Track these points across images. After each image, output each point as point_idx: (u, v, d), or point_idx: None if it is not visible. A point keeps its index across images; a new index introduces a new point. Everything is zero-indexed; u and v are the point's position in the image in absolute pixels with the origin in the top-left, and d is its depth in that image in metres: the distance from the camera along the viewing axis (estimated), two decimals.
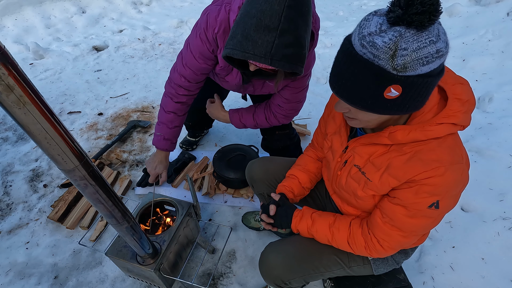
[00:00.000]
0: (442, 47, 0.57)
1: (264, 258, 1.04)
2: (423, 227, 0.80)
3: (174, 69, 1.35)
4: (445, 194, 0.72)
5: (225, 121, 1.56)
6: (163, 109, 1.42)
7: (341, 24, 4.23)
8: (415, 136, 0.71)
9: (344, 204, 0.99)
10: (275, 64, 0.89)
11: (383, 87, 0.60)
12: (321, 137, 1.12)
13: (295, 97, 1.36)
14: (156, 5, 5.00)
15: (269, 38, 0.86)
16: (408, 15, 0.54)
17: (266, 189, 1.27)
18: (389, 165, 0.77)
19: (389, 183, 0.78)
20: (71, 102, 2.75)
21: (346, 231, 0.91)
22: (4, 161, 2.14)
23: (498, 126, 2.14)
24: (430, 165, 0.70)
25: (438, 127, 0.69)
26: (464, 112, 0.70)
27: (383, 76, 0.59)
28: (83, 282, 1.46)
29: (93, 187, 0.69)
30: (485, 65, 2.73)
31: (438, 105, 0.73)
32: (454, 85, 0.73)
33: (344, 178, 0.90)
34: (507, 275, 1.39)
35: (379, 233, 0.84)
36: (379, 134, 0.77)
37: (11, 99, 0.47)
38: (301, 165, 1.16)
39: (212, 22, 1.12)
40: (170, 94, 1.38)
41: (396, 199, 0.78)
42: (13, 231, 1.70)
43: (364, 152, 0.83)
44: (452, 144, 0.72)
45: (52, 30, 4.04)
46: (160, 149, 1.50)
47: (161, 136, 1.45)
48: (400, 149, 0.75)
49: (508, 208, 1.63)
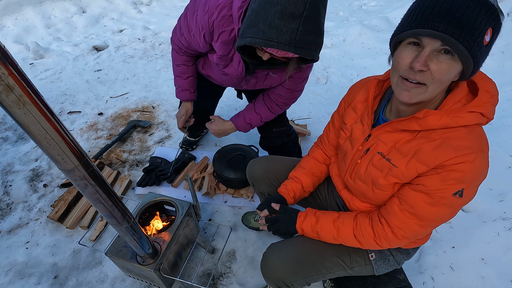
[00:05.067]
0: None
1: (266, 259, 1.03)
2: (442, 217, 0.79)
3: (175, 31, 1.36)
4: (471, 182, 0.73)
5: (232, 130, 1.58)
6: (174, 63, 1.48)
7: (341, 24, 4.23)
8: (446, 122, 0.72)
9: (354, 199, 0.98)
10: (298, 51, 0.89)
11: (487, 26, 0.62)
12: (333, 132, 1.11)
13: (297, 86, 1.38)
14: (156, 5, 5.01)
15: (294, 25, 0.86)
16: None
17: (267, 188, 1.26)
18: (417, 151, 0.77)
19: (417, 169, 0.77)
20: (71, 102, 2.75)
21: (351, 224, 0.91)
22: (4, 161, 2.14)
23: (498, 126, 2.14)
24: (461, 151, 0.70)
25: (468, 115, 0.71)
26: (492, 104, 0.73)
27: (492, 14, 0.61)
28: (83, 282, 1.46)
29: (93, 187, 0.69)
30: (485, 65, 2.67)
31: (466, 97, 0.75)
32: (483, 79, 0.75)
33: (364, 166, 0.90)
34: (507, 275, 1.39)
35: (395, 221, 0.83)
36: (410, 118, 0.77)
37: (11, 99, 0.47)
38: (306, 168, 1.15)
39: (212, 7, 1.11)
40: (175, 49, 1.43)
41: (420, 186, 0.78)
42: (13, 231, 1.70)
43: (389, 139, 0.84)
44: (481, 133, 0.74)
45: (52, 30, 4.04)
46: (182, 100, 1.59)
47: (180, 88, 1.54)
48: (428, 135, 0.76)
49: (508, 208, 1.63)
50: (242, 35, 0.95)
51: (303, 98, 2.65)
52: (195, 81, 1.55)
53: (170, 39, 1.43)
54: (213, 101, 1.84)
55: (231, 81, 1.41)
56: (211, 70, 1.43)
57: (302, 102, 2.59)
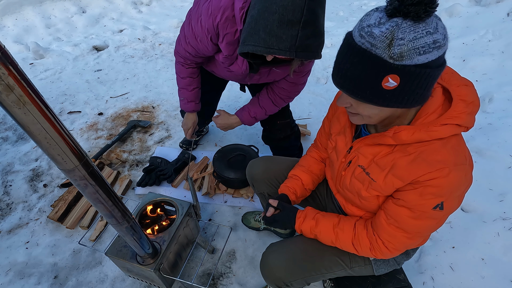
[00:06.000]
0: (440, 38, 0.58)
1: (265, 259, 1.03)
2: (428, 228, 0.80)
3: (179, 42, 1.37)
4: (449, 195, 0.72)
5: (237, 124, 1.59)
6: (179, 75, 1.49)
7: (341, 24, 4.23)
8: (420, 136, 0.71)
9: (349, 204, 0.99)
10: (299, 55, 0.92)
11: (381, 76, 0.62)
12: (324, 137, 1.12)
13: (300, 79, 1.39)
14: (156, 5, 5.01)
15: (293, 32, 0.88)
16: (404, 6, 0.56)
17: (266, 188, 1.26)
18: (393, 166, 0.77)
19: (393, 183, 0.78)
20: (71, 102, 2.75)
21: (350, 232, 0.91)
22: (4, 161, 2.14)
23: (498, 126, 2.14)
24: (434, 166, 0.70)
25: (442, 128, 0.70)
26: (468, 114, 0.70)
27: (380, 65, 0.60)
28: (83, 282, 1.46)
29: (93, 187, 0.69)
30: (485, 65, 2.73)
31: (443, 107, 0.73)
32: (459, 87, 0.73)
33: (349, 178, 0.90)
34: (507, 275, 1.39)
35: (384, 234, 0.84)
36: (384, 134, 0.77)
37: (11, 99, 0.47)
38: (305, 166, 1.15)
39: (214, 10, 1.12)
40: (180, 62, 1.44)
41: (400, 201, 0.78)
42: (13, 230, 1.70)
43: (369, 152, 0.83)
44: (456, 145, 0.72)
45: (52, 30, 4.04)
46: (187, 111, 1.61)
47: (185, 100, 1.56)
48: (404, 149, 0.75)
49: (508, 208, 1.63)
50: (244, 42, 0.97)
51: (303, 98, 2.65)
52: (199, 92, 1.57)
53: (174, 52, 1.44)
54: (216, 94, 1.85)
55: (235, 77, 1.44)
56: (215, 66, 1.44)
57: (302, 102, 2.59)
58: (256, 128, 2.32)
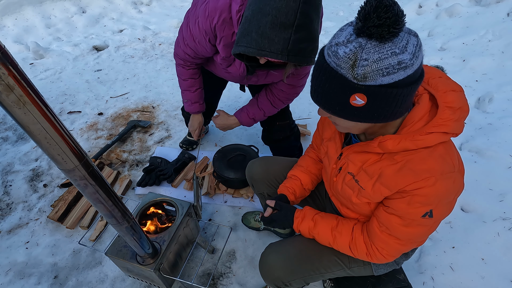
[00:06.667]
0: (406, 59, 0.57)
1: (264, 259, 1.03)
2: (420, 235, 0.80)
3: (177, 44, 1.37)
4: (438, 203, 0.72)
5: (236, 125, 1.59)
6: (180, 78, 1.49)
7: (341, 24, 4.21)
8: (405, 145, 0.70)
9: (343, 207, 0.99)
10: (291, 59, 0.90)
11: (347, 95, 0.62)
12: (319, 139, 1.12)
13: (299, 82, 1.39)
14: (156, 5, 5.00)
15: (285, 35, 0.87)
16: (367, 28, 0.56)
17: (266, 188, 1.26)
18: (381, 174, 0.77)
19: (381, 192, 0.78)
20: (71, 102, 2.75)
21: (348, 236, 0.91)
22: (4, 161, 2.14)
23: (498, 126, 2.14)
24: (420, 176, 0.69)
25: (428, 136, 0.68)
26: (455, 121, 0.69)
27: (346, 85, 0.61)
28: (83, 282, 1.46)
29: (93, 187, 0.69)
30: (485, 65, 2.73)
31: (430, 113, 0.71)
32: (445, 93, 0.71)
33: (340, 184, 0.91)
34: (507, 275, 1.39)
35: (378, 241, 0.84)
36: (370, 142, 0.77)
37: (11, 99, 0.47)
38: (303, 166, 1.15)
39: (211, 12, 1.11)
40: (180, 64, 1.44)
41: (390, 209, 0.79)
42: (13, 230, 1.70)
43: (358, 159, 0.83)
44: (444, 153, 0.70)
45: (52, 30, 4.03)
46: (193, 113, 1.63)
47: (189, 102, 1.57)
48: (392, 157, 0.75)
49: (508, 208, 1.63)
50: (237, 43, 0.96)
51: (303, 98, 2.64)
52: (203, 92, 1.57)
53: (173, 54, 1.44)
54: (216, 93, 1.85)
55: (233, 78, 1.44)
56: (214, 67, 1.44)
57: (302, 102, 2.59)
58: (256, 128, 2.33)
